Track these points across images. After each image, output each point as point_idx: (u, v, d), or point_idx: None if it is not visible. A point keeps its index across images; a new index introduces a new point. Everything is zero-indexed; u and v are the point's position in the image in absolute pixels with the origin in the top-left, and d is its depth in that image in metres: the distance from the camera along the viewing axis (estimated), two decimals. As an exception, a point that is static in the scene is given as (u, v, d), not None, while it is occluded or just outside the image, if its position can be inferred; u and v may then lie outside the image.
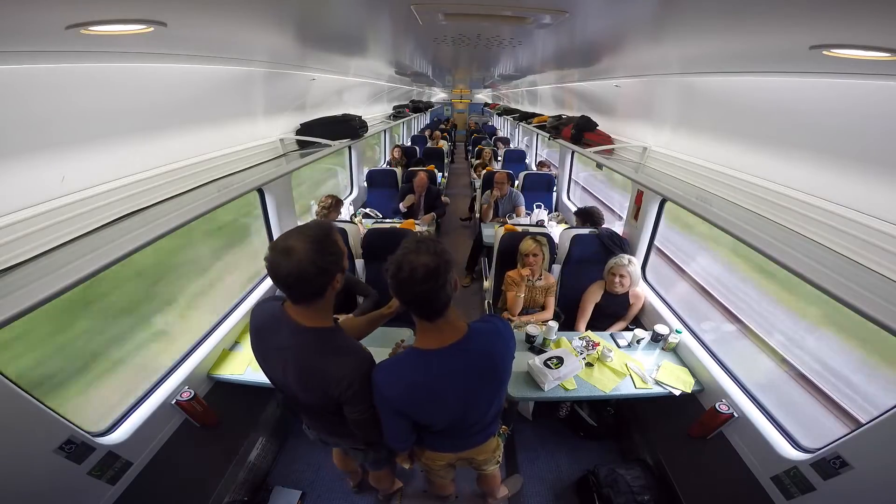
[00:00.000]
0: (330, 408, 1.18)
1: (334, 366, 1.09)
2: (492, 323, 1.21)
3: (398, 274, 0.99)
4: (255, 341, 1.22)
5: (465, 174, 9.15)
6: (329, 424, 1.38)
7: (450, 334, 1.11)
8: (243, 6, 1.10)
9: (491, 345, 1.17)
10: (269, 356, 1.19)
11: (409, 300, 1.04)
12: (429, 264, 0.98)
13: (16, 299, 0.93)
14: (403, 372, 1.12)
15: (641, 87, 2.38)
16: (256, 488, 2.12)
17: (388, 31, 1.73)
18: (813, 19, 0.85)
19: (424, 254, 0.99)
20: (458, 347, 1.10)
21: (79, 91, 1.19)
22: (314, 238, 1.00)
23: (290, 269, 0.97)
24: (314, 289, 1.03)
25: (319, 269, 0.99)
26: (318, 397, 1.15)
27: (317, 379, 1.11)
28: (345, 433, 1.33)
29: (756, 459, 1.65)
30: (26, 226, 1.12)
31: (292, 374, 1.13)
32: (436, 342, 1.10)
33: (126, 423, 1.56)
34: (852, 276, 1.06)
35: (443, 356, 1.10)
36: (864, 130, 1.23)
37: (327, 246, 1.02)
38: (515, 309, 2.55)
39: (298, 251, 0.96)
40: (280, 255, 0.97)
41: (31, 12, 0.81)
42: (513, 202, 4.25)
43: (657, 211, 2.63)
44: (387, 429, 1.21)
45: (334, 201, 3.35)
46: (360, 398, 1.12)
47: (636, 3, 1.06)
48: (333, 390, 1.10)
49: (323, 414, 1.29)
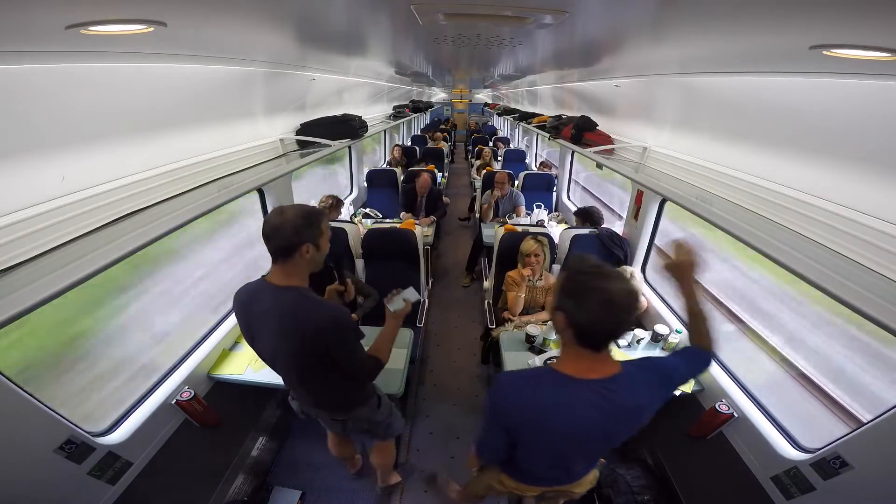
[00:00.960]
0: (311, 358, 1.28)
1: (313, 312, 1.23)
2: (650, 370, 1.06)
3: (614, 305, 0.89)
4: (241, 316, 1.32)
5: (465, 174, 9.15)
6: (312, 387, 1.46)
7: (602, 367, 1.00)
8: (243, 6, 1.10)
9: (639, 396, 1.01)
10: (254, 324, 1.29)
11: (609, 330, 0.94)
12: (633, 291, 0.92)
13: (16, 299, 0.93)
14: (541, 390, 1.00)
15: (641, 87, 2.38)
16: (256, 488, 2.12)
17: (388, 31, 1.73)
18: (813, 19, 0.85)
19: (621, 280, 0.92)
20: (603, 385, 0.98)
21: (79, 91, 1.19)
22: (304, 211, 1.23)
23: (274, 223, 1.19)
24: (285, 243, 1.20)
25: (295, 229, 1.19)
26: (298, 344, 1.25)
27: (298, 325, 1.22)
28: (328, 398, 1.51)
29: (756, 459, 1.65)
30: (26, 226, 1.12)
31: (276, 329, 1.25)
32: (584, 371, 0.98)
33: (126, 423, 1.56)
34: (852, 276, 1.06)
35: (586, 388, 0.98)
36: (864, 130, 1.23)
37: (311, 220, 1.22)
38: (516, 309, 2.55)
39: (287, 213, 1.20)
40: (274, 214, 1.21)
41: (31, 12, 0.81)
42: (513, 202, 4.25)
43: (657, 211, 2.63)
44: (485, 440, 1.15)
45: (334, 201, 3.36)
46: (341, 340, 1.27)
47: (636, 4, 1.06)
48: (316, 333, 1.22)
49: (305, 373, 1.37)
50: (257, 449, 2.19)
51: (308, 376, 1.39)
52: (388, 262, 2.90)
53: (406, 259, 2.91)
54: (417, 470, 2.28)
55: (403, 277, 2.92)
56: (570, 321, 0.94)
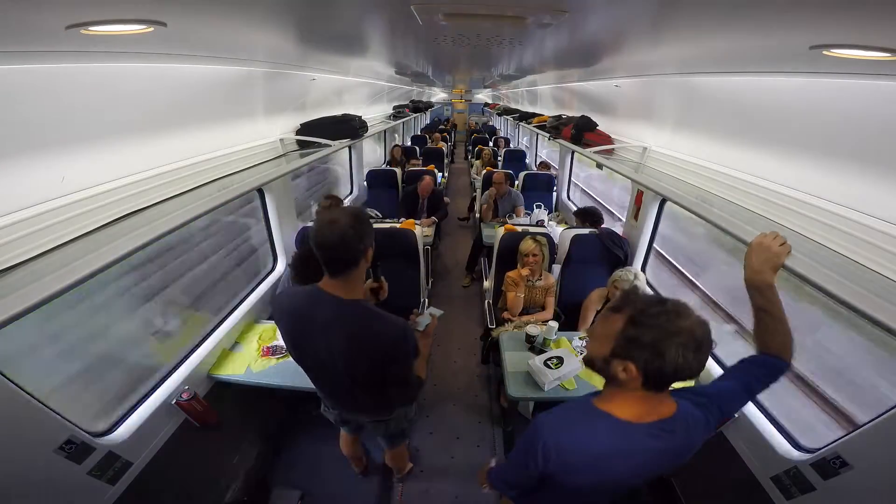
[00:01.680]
0: (372, 372, 1.28)
1: (384, 327, 1.22)
2: (709, 409, 0.95)
3: (702, 346, 0.79)
4: (291, 322, 1.28)
5: (465, 174, 9.15)
6: (360, 395, 1.44)
7: (661, 407, 0.90)
8: (243, 6, 1.10)
9: (693, 437, 0.92)
10: (310, 333, 1.25)
11: (691, 373, 0.81)
12: (706, 322, 0.82)
13: (16, 299, 0.93)
14: (595, 437, 0.88)
15: (641, 87, 2.38)
16: (256, 488, 2.12)
17: (388, 32, 1.73)
18: (813, 19, 0.85)
19: (694, 314, 0.82)
20: (661, 427, 0.88)
21: (79, 91, 1.19)
22: (353, 213, 1.16)
23: (334, 236, 1.11)
24: (352, 255, 1.15)
25: (359, 237, 1.13)
26: (365, 360, 1.24)
27: (368, 342, 1.21)
28: (373, 403, 1.49)
29: (756, 459, 1.65)
30: (26, 226, 1.12)
31: (340, 343, 1.22)
32: (643, 415, 0.88)
33: (126, 424, 1.56)
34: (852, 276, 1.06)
35: (646, 433, 0.87)
36: (864, 130, 1.23)
37: (363, 220, 1.17)
38: (515, 309, 2.55)
39: (341, 222, 1.12)
40: (325, 226, 1.12)
41: (31, 12, 0.81)
42: (512, 202, 4.25)
43: (657, 211, 2.63)
44: (506, 474, 1.06)
45: (334, 201, 3.36)
46: (406, 355, 1.26)
47: (636, 4, 1.06)
48: (385, 349, 1.22)
49: (359, 383, 1.36)
50: (257, 449, 2.19)
51: (363, 387, 1.37)
52: (388, 262, 2.88)
53: (406, 259, 2.91)
54: (417, 470, 2.28)
55: (403, 277, 2.93)
56: (646, 370, 0.81)
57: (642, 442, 0.87)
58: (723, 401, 0.96)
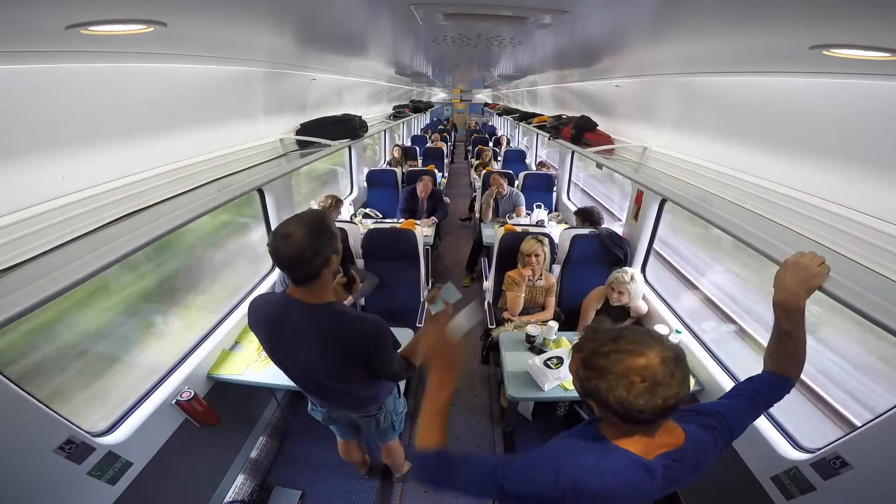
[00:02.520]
0: (353, 368, 1.31)
1: (357, 325, 1.24)
2: (712, 433, 0.91)
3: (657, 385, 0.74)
4: (265, 331, 1.29)
5: (465, 174, 9.15)
6: (345, 393, 1.48)
7: (664, 438, 0.85)
8: (244, 6, 1.10)
9: (704, 461, 0.89)
10: (284, 340, 1.27)
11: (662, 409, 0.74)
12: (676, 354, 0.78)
13: (16, 299, 0.93)
14: (620, 479, 0.81)
15: (641, 87, 2.38)
16: (256, 488, 2.12)
17: (388, 31, 1.73)
18: (813, 19, 0.85)
19: (651, 349, 0.77)
20: (672, 458, 0.84)
21: (79, 91, 1.19)
22: (309, 224, 1.13)
23: (289, 252, 1.10)
24: (311, 269, 1.14)
25: (314, 251, 1.12)
26: (344, 359, 1.27)
27: (343, 341, 1.23)
28: (359, 399, 1.54)
29: (756, 459, 1.65)
30: (26, 226, 1.12)
31: (313, 347, 1.24)
32: (653, 449, 0.84)
33: (126, 424, 1.55)
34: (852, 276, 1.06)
35: (658, 465, 0.83)
36: (864, 130, 1.22)
37: (321, 230, 1.14)
38: (515, 309, 2.55)
39: (296, 236, 1.09)
40: (280, 241, 1.10)
41: (32, 12, 0.81)
42: (513, 202, 4.25)
43: (657, 211, 2.63)
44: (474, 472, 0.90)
45: (334, 201, 3.36)
46: (386, 346, 1.29)
47: (636, 4, 1.06)
48: (361, 347, 1.24)
49: (342, 381, 1.39)
50: (257, 449, 2.19)
51: (345, 385, 1.42)
52: (389, 262, 2.91)
53: (406, 259, 2.91)
54: (417, 470, 2.28)
55: (403, 277, 2.93)
56: (609, 410, 0.77)
57: (655, 474, 0.82)
58: (733, 421, 0.93)
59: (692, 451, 0.86)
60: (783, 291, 0.95)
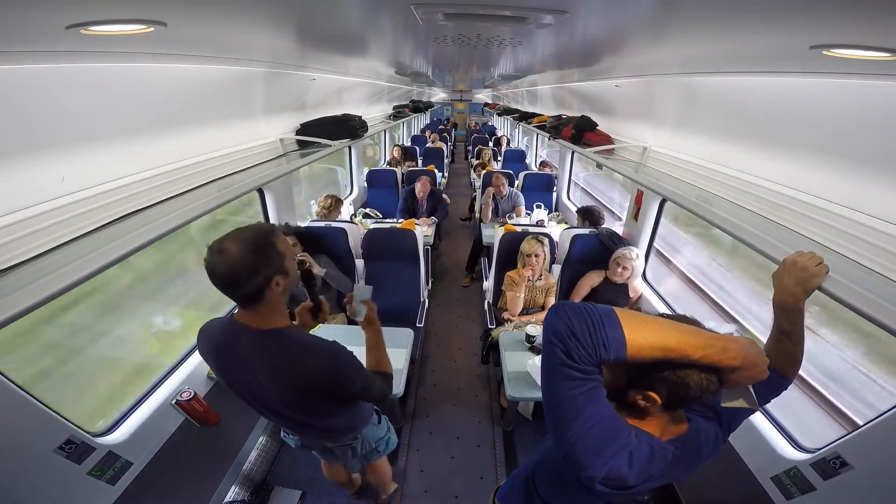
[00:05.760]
0: (314, 403, 1.20)
1: (308, 361, 1.08)
2: (715, 425, 0.94)
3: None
4: (215, 361, 1.15)
5: (465, 174, 9.16)
6: (311, 424, 1.34)
7: (671, 427, 0.89)
8: (244, 6, 1.10)
9: (706, 450, 0.91)
10: (235, 370, 1.13)
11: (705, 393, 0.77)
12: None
13: (16, 299, 0.93)
14: (653, 462, 0.81)
15: (641, 87, 2.38)
16: (256, 488, 2.12)
17: (388, 31, 1.73)
18: (813, 19, 0.85)
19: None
20: (677, 444, 0.86)
21: (79, 91, 1.19)
22: (248, 240, 0.98)
23: (222, 270, 0.95)
24: (248, 290, 0.99)
25: (252, 270, 0.97)
26: (300, 393, 1.15)
27: (295, 375, 1.09)
28: (328, 428, 1.41)
29: (756, 459, 1.65)
30: (26, 226, 1.12)
31: (266, 379, 1.10)
32: (669, 432, 0.87)
33: (126, 424, 1.56)
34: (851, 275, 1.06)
35: (672, 449, 0.85)
36: (864, 130, 1.22)
37: (261, 248, 0.99)
38: (515, 309, 2.55)
39: (231, 252, 0.95)
40: (215, 256, 0.95)
41: (31, 12, 0.81)
42: (512, 202, 4.25)
43: (657, 211, 2.63)
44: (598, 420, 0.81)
45: (334, 201, 3.35)
46: (350, 375, 1.14)
47: (636, 3, 1.06)
48: (320, 382, 1.11)
49: (304, 413, 1.25)
50: (257, 449, 2.19)
51: (310, 417, 1.29)
52: (389, 262, 2.90)
53: (406, 259, 2.91)
54: (417, 470, 2.28)
55: (403, 277, 2.93)
56: (669, 397, 0.79)
57: (673, 455, 0.83)
58: (730, 416, 0.95)
59: (695, 439, 0.88)
60: (782, 292, 0.95)
